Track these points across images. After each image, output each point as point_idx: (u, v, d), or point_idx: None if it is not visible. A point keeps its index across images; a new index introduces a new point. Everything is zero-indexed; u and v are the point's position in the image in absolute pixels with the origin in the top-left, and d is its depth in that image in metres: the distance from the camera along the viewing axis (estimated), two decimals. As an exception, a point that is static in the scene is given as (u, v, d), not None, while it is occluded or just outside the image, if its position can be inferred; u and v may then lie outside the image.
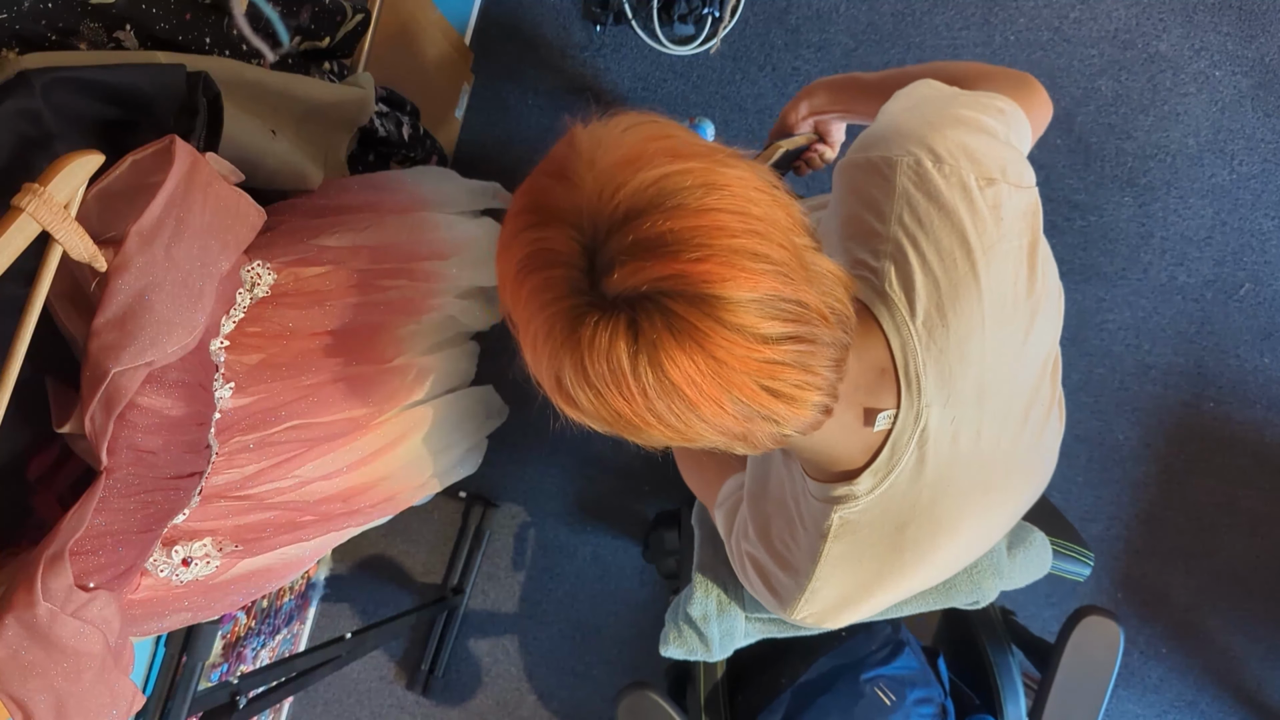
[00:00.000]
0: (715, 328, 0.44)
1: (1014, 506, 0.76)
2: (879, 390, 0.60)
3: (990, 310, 0.61)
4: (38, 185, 0.63)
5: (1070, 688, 0.98)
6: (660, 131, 0.49)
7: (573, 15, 1.76)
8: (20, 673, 0.65)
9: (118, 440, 0.71)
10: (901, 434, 0.61)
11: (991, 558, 0.89)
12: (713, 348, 0.44)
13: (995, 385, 0.64)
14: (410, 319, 1.13)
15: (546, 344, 0.48)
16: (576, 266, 0.46)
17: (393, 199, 1.16)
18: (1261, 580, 1.60)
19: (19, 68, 0.69)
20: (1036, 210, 0.65)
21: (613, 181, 0.46)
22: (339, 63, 1.20)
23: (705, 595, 0.95)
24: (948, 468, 0.64)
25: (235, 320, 0.89)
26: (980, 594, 0.90)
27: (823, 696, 1.00)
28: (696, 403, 0.46)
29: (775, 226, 0.47)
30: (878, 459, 0.62)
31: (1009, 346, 0.64)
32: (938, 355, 0.60)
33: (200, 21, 0.88)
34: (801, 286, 0.47)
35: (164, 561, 0.85)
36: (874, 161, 0.63)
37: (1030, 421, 0.71)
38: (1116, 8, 1.61)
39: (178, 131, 0.78)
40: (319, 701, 1.85)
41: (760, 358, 0.45)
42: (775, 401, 0.48)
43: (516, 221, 0.50)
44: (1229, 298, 1.61)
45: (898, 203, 0.61)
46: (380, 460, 1.10)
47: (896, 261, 0.60)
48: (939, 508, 0.65)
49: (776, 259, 0.46)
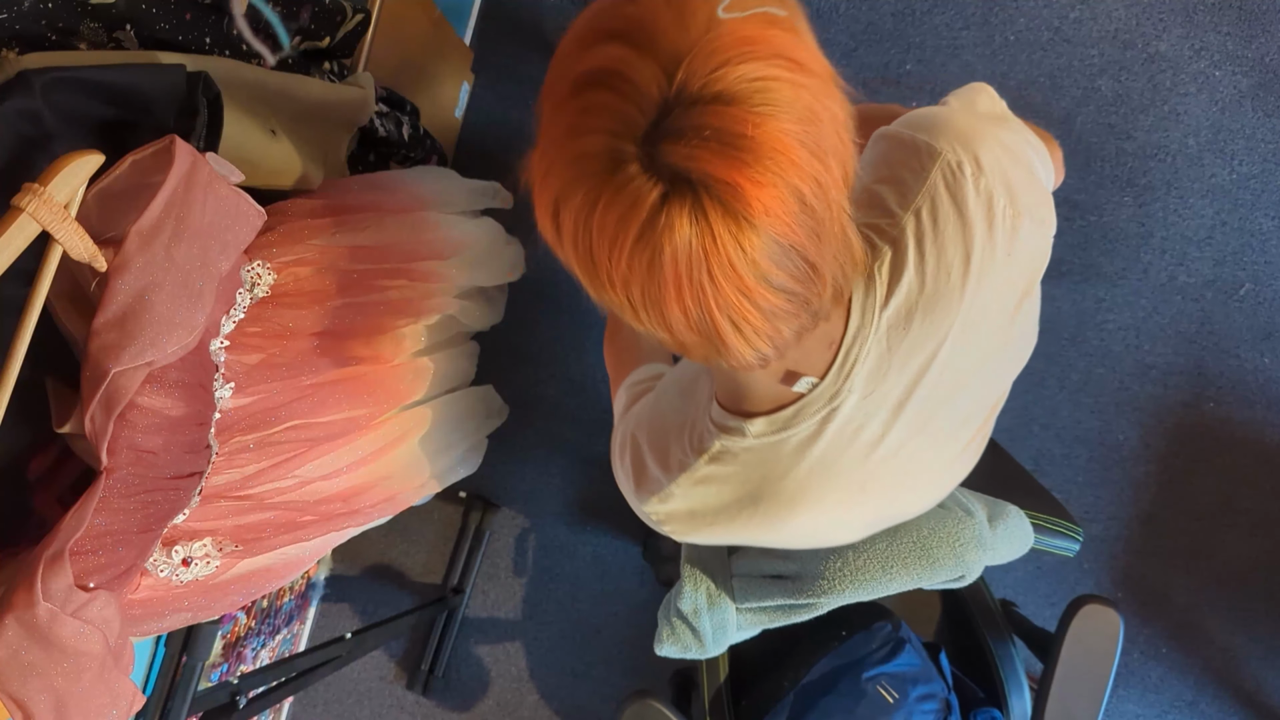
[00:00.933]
0: (731, 248, 0.43)
1: (880, 515, 0.77)
2: (814, 357, 0.60)
3: (958, 332, 0.61)
4: (38, 185, 0.63)
5: (1072, 678, 0.98)
6: (792, 25, 0.46)
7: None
8: (20, 673, 0.65)
9: (118, 440, 0.71)
10: (812, 404, 0.62)
11: (975, 529, 0.88)
12: (716, 263, 0.43)
13: (924, 401, 0.64)
14: (410, 319, 1.13)
15: (572, 166, 0.45)
16: (645, 113, 0.42)
17: (393, 199, 1.16)
18: (1261, 580, 1.60)
19: (19, 68, 0.69)
20: (1045, 256, 0.65)
21: (723, 51, 0.42)
22: (339, 63, 1.20)
23: (695, 589, 0.95)
24: (837, 452, 0.64)
25: (235, 320, 0.89)
26: (965, 567, 0.89)
27: (825, 697, 1.00)
28: (667, 297, 0.45)
29: (835, 184, 0.45)
30: (780, 413, 0.62)
31: (958, 372, 0.64)
32: (883, 352, 0.60)
33: (200, 21, 0.88)
34: (825, 252, 0.47)
35: (164, 561, 0.85)
36: (918, 144, 0.61)
37: (942, 449, 0.71)
38: (1116, 8, 1.61)
39: (178, 131, 0.78)
40: (319, 701, 1.85)
41: (748, 294, 0.45)
42: (732, 334, 0.47)
43: (611, 20, 0.46)
44: (1229, 298, 1.61)
45: (924, 195, 0.60)
46: (380, 460, 1.10)
47: (896, 249, 0.60)
48: (810, 482, 0.66)
49: (819, 216, 0.45)
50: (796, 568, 0.91)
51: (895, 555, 0.86)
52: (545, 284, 1.74)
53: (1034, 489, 1.08)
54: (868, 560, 0.87)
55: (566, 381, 1.77)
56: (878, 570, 0.86)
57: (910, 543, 0.87)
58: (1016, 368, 0.71)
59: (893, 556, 0.86)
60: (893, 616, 1.07)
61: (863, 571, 0.87)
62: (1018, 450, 1.65)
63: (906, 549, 0.86)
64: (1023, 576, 1.66)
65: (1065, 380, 1.64)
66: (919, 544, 0.87)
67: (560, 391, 1.77)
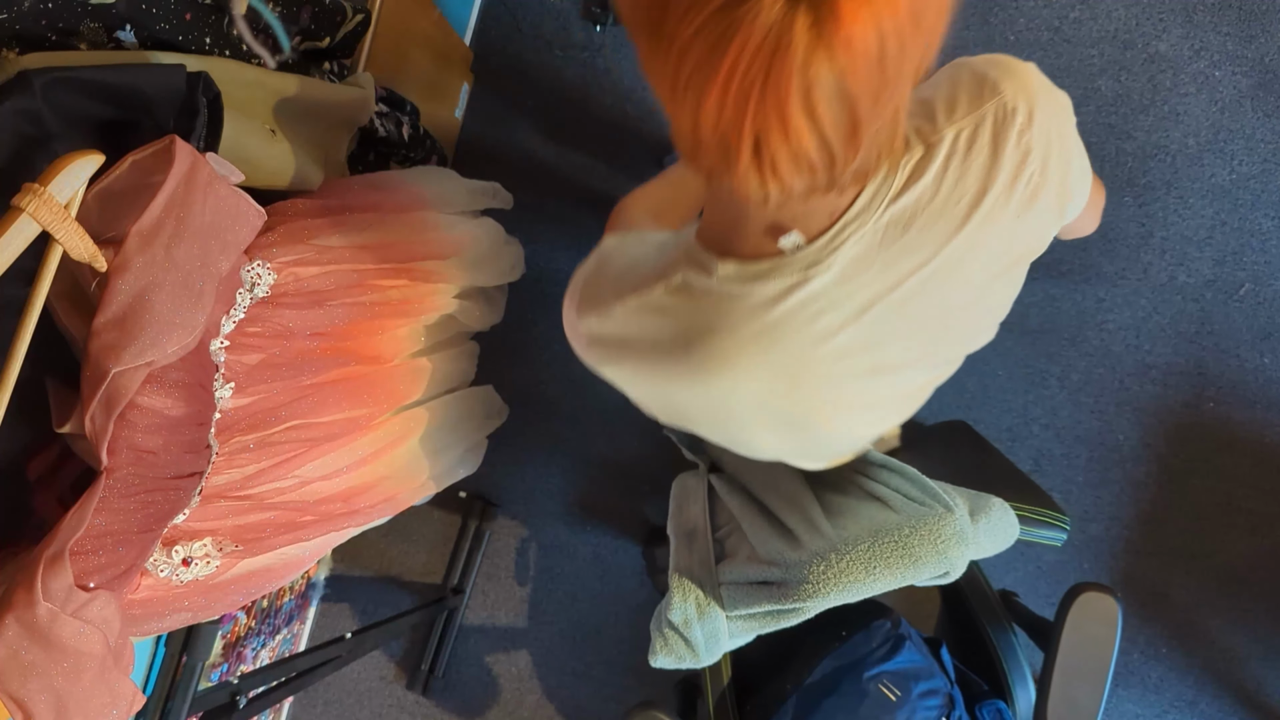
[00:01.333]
0: (799, 62, 0.41)
1: (786, 430, 0.74)
2: (811, 221, 0.59)
3: (942, 261, 0.61)
4: (38, 185, 0.63)
5: (1073, 666, 0.98)
6: None
7: (573, 15, 1.76)
8: (20, 673, 0.65)
9: (118, 440, 0.71)
10: (789, 265, 0.60)
11: (955, 525, 0.88)
12: (777, 69, 0.42)
13: (884, 320, 0.63)
14: (410, 319, 1.13)
15: None
16: None
17: (393, 199, 1.16)
18: (1262, 580, 1.60)
19: (19, 68, 0.69)
20: (1043, 243, 0.65)
21: None
22: (339, 63, 1.20)
23: (683, 600, 0.95)
24: (789, 328, 0.63)
25: (235, 320, 0.89)
26: (948, 564, 0.89)
27: (827, 699, 1.00)
28: (713, 83, 0.43)
29: (914, 58, 0.45)
30: (754, 265, 0.61)
31: (924, 306, 0.64)
32: (874, 244, 0.60)
33: (200, 22, 0.88)
34: (873, 120, 0.46)
35: (164, 561, 0.85)
36: (987, 77, 0.62)
37: (872, 387, 0.70)
38: (1116, 8, 1.61)
39: (178, 131, 0.78)
40: (319, 701, 1.85)
41: (785, 120, 0.44)
42: (749, 155, 0.46)
43: None
44: (1229, 298, 1.61)
45: (970, 120, 0.60)
46: (380, 460, 1.10)
47: (926, 152, 0.60)
48: (748, 347, 0.64)
49: (888, 78, 0.44)
50: (781, 573, 0.91)
51: (878, 556, 0.86)
52: (545, 284, 1.74)
53: (1018, 480, 1.08)
54: (850, 563, 0.87)
55: (566, 381, 1.77)
56: (861, 572, 0.86)
57: (891, 542, 0.87)
58: (969, 344, 0.71)
59: (875, 557, 0.86)
60: (892, 614, 1.07)
61: (846, 574, 0.87)
62: (1018, 450, 1.65)
63: (888, 549, 0.86)
64: (1023, 576, 1.66)
65: (1065, 380, 1.64)
66: (900, 544, 0.87)
67: (560, 391, 1.77)
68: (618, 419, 1.76)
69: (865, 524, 0.88)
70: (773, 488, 0.96)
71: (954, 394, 1.62)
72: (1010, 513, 0.94)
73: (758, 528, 0.94)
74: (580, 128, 1.76)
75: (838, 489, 0.94)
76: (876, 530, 0.87)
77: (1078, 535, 1.64)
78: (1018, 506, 0.98)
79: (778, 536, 0.92)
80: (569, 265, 1.74)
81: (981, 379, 1.65)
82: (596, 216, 1.74)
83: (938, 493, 0.90)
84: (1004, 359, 1.64)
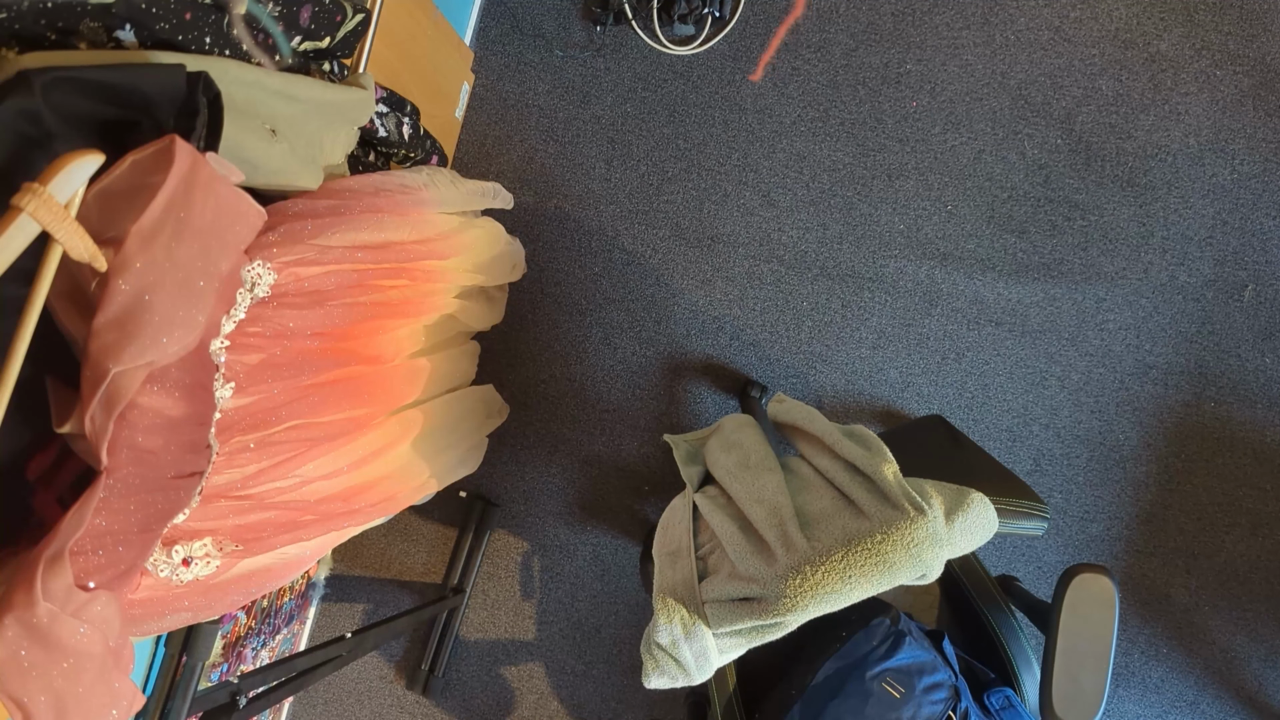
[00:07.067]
0: None
1: None
2: None
3: None
4: (38, 185, 0.63)
5: (1074, 647, 0.97)
6: None
7: (572, 15, 1.76)
8: (20, 673, 0.65)
9: (118, 440, 0.71)
10: None
11: (928, 527, 0.88)
12: None
13: None
14: (410, 319, 1.13)
15: None
16: None
17: (393, 199, 1.16)
18: (1262, 580, 1.60)
19: (19, 67, 0.69)
20: None
21: None
22: (339, 63, 1.20)
23: (669, 620, 0.95)
24: None
25: (235, 320, 0.89)
26: (924, 567, 0.89)
27: (832, 701, 1.00)
28: None
29: None
30: None
31: None
32: None
33: (200, 21, 0.88)
34: None
35: (164, 561, 0.85)
36: None
37: None
38: (1117, 7, 1.61)
39: (178, 131, 0.78)
40: (319, 701, 1.85)
41: None
42: None
43: None
44: (1230, 298, 1.61)
45: None
46: (380, 460, 1.10)
47: None
48: None
49: None
50: (760, 589, 0.91)
51: (853, 564, 0.86)
52: (545, 284, 1.74)
53: (995, 471, 1.08)
54: (825, 574, 0.87)
55: (566, 381, 1.77)
56: (837, 582, 0.86)
57: (864, 550, 0.87)
58: None
59: (850, 566, 0.86)
60: (891, 610, 1.07)
61: (822, 585, 0.86)
62: (1018, 450, 1.65)
63: (862, 558, 0.86)
64: (1024, 577, 1.66)
65: (1066, 380, 1.64)
66: (873, 551, 0.86)
67: (560, 391, 1.77)
68: (618, 419, 1.76)
69: (838, 534, 0.88)
70: (756, 498, 0.97)
71: (954, 394, 1.62)
72: (989, 507, 0.94)
73: (737, 544, 0.94)
74: (580, 128, 1.76)
75: (816, 493, 0.94)
76: (849, 539, 0.87)
77: (1078, 535, 1.64)
78: (996, 499, 0.97)
79: (755, 553, 0.92)
80: (569, 265, 1.74)
81: (981, 379, 1.65)
82: (596, 216, 1.74)
83: (911, 494, 0.89)
84: (1004, 359, 1.64)
